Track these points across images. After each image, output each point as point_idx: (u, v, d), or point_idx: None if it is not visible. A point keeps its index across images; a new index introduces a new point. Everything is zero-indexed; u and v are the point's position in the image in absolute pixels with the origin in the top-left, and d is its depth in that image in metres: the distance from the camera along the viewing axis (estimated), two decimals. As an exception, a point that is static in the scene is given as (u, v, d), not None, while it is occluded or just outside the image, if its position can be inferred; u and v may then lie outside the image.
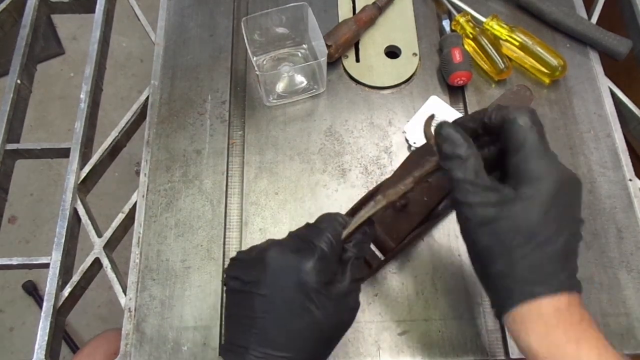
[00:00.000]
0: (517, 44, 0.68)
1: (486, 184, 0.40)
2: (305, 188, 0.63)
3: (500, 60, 0.66)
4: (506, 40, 0.69)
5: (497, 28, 0.69)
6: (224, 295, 0.44)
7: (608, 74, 0.69)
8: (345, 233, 0.43)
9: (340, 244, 0.43)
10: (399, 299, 0.57)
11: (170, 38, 0.72)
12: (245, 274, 0.42)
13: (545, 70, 0.67)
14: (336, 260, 0.42)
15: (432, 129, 0.45)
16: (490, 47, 0.67)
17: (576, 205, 0.42)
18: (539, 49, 0.67)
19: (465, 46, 0.68)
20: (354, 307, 0.44)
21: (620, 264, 0.58)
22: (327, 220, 0.44)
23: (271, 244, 0.43)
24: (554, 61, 0.66)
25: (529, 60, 0.68)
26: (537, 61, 0.67)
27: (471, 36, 0.68)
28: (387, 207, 0.45)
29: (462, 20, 0.69)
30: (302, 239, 0.43)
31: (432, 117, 0.50)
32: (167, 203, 0.62)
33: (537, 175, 0.39)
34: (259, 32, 0.67)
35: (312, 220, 0.60)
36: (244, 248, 0.60)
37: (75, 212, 0.63)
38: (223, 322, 0.44)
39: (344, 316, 0.43)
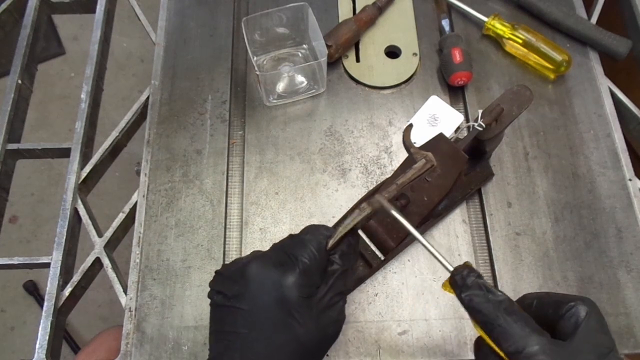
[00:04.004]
0: (520, 41, 0.68)
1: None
2: (305, 188, 0.63)
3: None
4: (509, 39, 0.69)
5: (500, 27, 0.69)
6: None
7: (608, 74, 0.70)
8: (330, 243, 0.42)
9: (324, 256, 0.42)
10: (399, 299, 0.57)
11: (171, 38, 0.72)
12: (228, 288, 0.41)
13: (550, 66, 0.67)
14: (320, 273, 0.42)
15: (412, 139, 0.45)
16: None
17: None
18: (542, 45, 0.67)
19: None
20: (339, 320, 0.43)
21: (620, 264, 0.58)
22: (311, 231, 0.43)
23: (253, 257, 0.42)
24: (558, 57, 0.66)
25: (533, 57, 0.68)
26: (541, 57, 0.68)
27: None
28: (372, 216, 0.45)
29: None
30: (285, 252, 0.42)
31: (410, 126, 0.51)
32: (168, 203, 0.62)
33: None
34: (260, 32, 0.67)
35: (311, 220, 0.60)
36: (244, 248, 0.60)
37: (75, 212, 0.63)
38: (208, 338, 0.44)
39: (327, 330, 0.42)
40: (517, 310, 0.36)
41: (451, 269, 0.40)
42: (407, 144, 0.51)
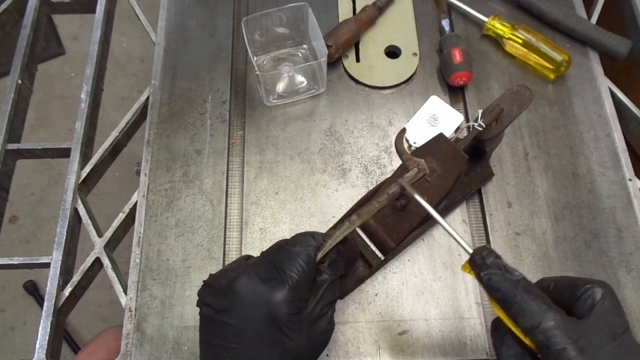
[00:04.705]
0: (520, 41, 0.68)
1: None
2: (305, 188, 0.63)
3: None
4: (509, 39, 0.69)
5: (500, 27, 0.69)
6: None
7: (608, 74, 0.70)
8: (319, 256, 0.42)
9: (313, 267, 0.42)
10: (399, 299, 0.57)
11: (171, 38, 0.72)
12: (216, 302, 0.41)
13: (550, 66, 0.67)
14: (309, 285, 0.41)
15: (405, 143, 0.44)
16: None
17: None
18: (542, 45, 0.67)
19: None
20: (328, 330, 0.43)
21: (619, 264, 0.58)
22: (300, 242, 0.42)
23: (241, 271, 0.41)
24: (558, 57, 0.66)
25: (533, 57, 0.68)
26: (541, 57, 0.68)
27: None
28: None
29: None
30: (274, 266, 0.41)
31: (404, 130, 0.51)
32: (168, 203, 0.62)
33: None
34: (260, 32, 0.67)
35: (311, 220, 0.60)
36: (244, 248, 0.60)
37: (75, 212, 0.63)
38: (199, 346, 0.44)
39: (317, 340, 0.42)
40: (534, 288, 0.37)
41: (471, 250, 0.41)
42: (399, 150, 0.50)
